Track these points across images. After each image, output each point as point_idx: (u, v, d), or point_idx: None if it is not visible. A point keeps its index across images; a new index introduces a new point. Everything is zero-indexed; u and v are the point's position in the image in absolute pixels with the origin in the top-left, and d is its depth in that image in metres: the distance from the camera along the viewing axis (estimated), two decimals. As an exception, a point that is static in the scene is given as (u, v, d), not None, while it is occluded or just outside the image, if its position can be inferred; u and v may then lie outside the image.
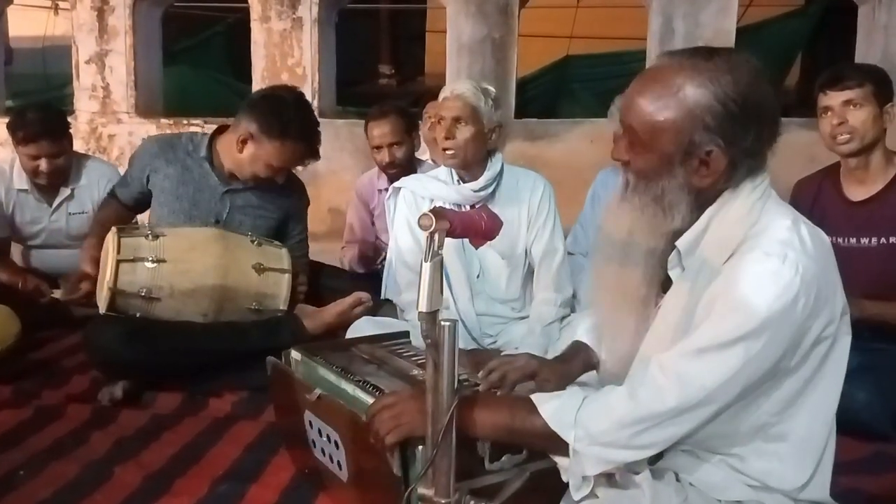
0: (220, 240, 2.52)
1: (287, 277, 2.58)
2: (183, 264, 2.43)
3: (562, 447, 1.21)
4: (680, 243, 1.23)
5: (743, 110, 1.14)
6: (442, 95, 2.38)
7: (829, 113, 2.35)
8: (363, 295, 2.62)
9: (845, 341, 1.23)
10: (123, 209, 2.80)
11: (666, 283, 1.28)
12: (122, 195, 2.81)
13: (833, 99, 2.33)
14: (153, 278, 2.40)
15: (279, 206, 2.79)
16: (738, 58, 1.19)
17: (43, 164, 3.12)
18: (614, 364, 1.36)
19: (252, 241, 2.59)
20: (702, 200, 1.21)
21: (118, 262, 2.37)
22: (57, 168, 3.16)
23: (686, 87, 1.15)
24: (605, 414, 1.19)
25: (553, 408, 1.23)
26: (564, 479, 1.25)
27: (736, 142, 1.15)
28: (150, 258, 2.40)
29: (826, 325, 1.18)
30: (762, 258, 1.13)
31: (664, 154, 1.18)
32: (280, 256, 2.61)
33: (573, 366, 1.52)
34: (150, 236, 2.44)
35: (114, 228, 2.47)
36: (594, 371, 1.52)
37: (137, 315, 2.43)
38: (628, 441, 1.18)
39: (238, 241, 2.57)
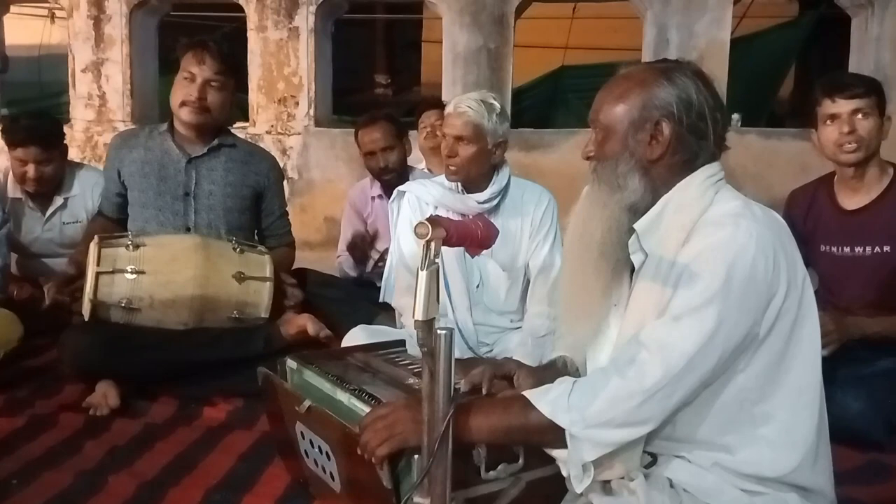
0: (201, 249, 2.52)
1: (268, 286, 2.58)
2: (163, 275, 2.45)
3: (559, 438, 1.24)
4: (638, 225, 1.31)
5: (687, 94, 1.30)
6: (448, 108, 2.38)
7: (836, 121, 2.31)
8: (311, 326, 2.57)
9: (812, 322, 1.29)
10: (110, 223, 2.83)
11: (632, 273, 1.35)
12: (106, 209, 2.88)
13: (842, 107, 2.30)
14: (133, 289, 2.43)
15: (247, 176, 2.80)
16: (686, 63, 1.37)
17: (30, 171, 3.11)
18: (598, 362, 1.38)
19: (234, 249, 2.60)
20: (655, 178, 1.32)
21: (97, 273, 2.40)
22: (44, 176, 3.14)
23: (640, 77, 1.34)
24: (596, 395, 1.23)
25: (546, 398, 1.26)
26: (564, 472, 1.26)
27: (682, 117, 1.30)
28: (130, 269, 2.43)
29: (787, 291, 1.24)
30: (716, 230, 1.24)
31: (620, 133, 1.32)
32: (262, 263, 2.61)
33: (549, 374, 1.54)
34: (130, 246, 2.46)
35: (96, 238, 2.50)
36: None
37: (120, 323, 2.45)
38: (623, 419, 1.21)
39: (220, 250, 2.57)
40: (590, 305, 1.35)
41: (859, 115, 2.29)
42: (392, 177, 3.20)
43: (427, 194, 2.44)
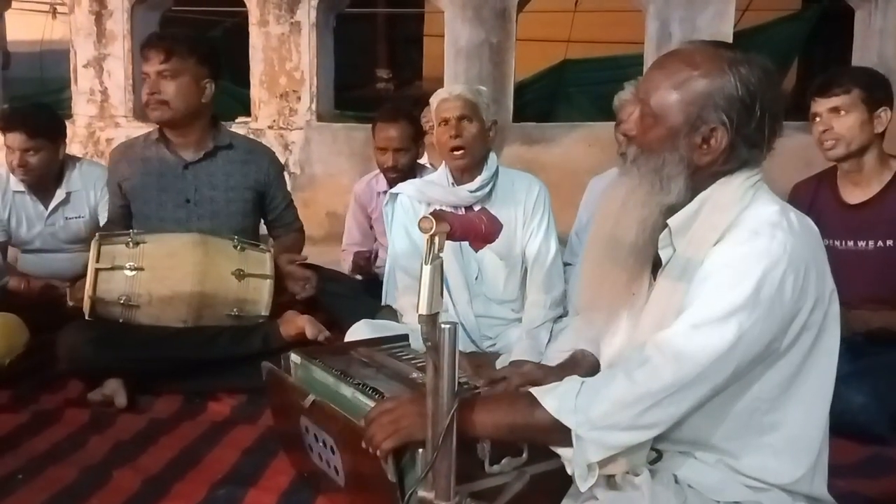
0: (200, 245, 2.52)
1: (268, 283, 2.57)
2: (161, 271, 2.46)
3: (565, 437, 1.22)
4: (672, 221, 1.26)
5: (752, 99, 1.21)
6: (438, 98, 2.39)
7: (818, 119, 2.38)
8: (309, 329, 2.54)
9: (834, 334, 1.26)
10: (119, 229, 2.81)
11: (657, 268, 1.31)
12: (113, 219, 2.89)
13: (820, 106, 2.36)
14: (131, 286, 2.44)
15: (247, 177, 2.79)
16: (755, 55, 1.25)
17: (15, 158, 3.10)
18: (614, 356, 1.37)
19: (235, 246, 2.59)
20: (697, 181, 1.25)
21: (97, 270, 2.41)
22: (29, 165, 3.12)
23: (705, 66, 1.22)
24: (604, 397, 1.21)
25: (553, 397, 1.24)
26: (569, 470, 1.25)
27: (740, 126, 1.22)
28: (129, 266, 2.43)
29: (814, 307, 1.21)
30: (751, 237, 1.19)
31: (671, 127, 1.23)
32: (262, 261, 2.60)
33: (569, 372, 1.51)
34: (130, 243, 2.47)
35: (97, 236, 2.51)
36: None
37: (120, 321, 2.46)
38: (630, 422, 1.19)
39: (219, 247, 2.57)
40: (614, 301, 1.32)
41: (837, 113, 2.33)
42: (398, 177, 3.20)
43: (418, 192, 2.46)
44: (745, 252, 1.18)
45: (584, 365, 1.53)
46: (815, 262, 1.22)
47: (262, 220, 2.95)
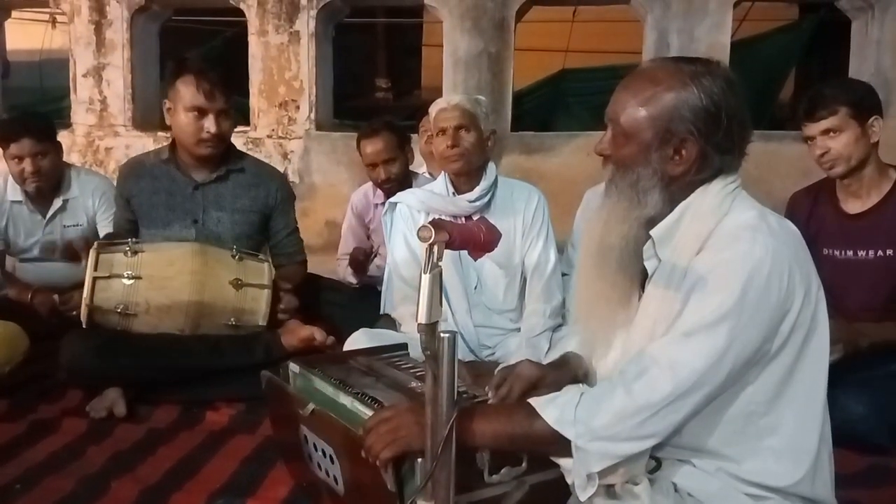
0: (198, 255, 2.52)
1: (266, 293, 2.57)
2: (159, 280, 2.46)
3: (564, 448, 1.23)
4: (654, 232, 1.29)
5: (717, 107, 1.25)
6: (437, 108, 2.40)
7: (812, 142, 2.39)
8: (318, 334, 2.56)
9: (824, 332, 1.28)
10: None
11: (645, 279, 1.33)
12: (118, 235, 2.85)
13: (812, 130, 2.37)
14: (129, 294, 2.44)
15: (255, 199, 2.76)
16: (716, 66, 1.29)
17: (28, 165, 3.11)
18: (608, 369, 1.37)
19: (233, 256, 2.58)
20: (675, 192, 1.28)
21: (94, 278, 2.41)
22: (42, 170, 3.14)
23: (668, 82, 1.26)
24: (604, 408, 1.22)
25: (552, 408, 1.25)
26: (569, 480, 1.25)
27: (708, 135, 1.25)
28: (127, 274, 2.43)
29: (802, 306, 1.23)
30: (732, 243, 1.22)
31: (642, 142, 1.27)
32: (261, 271, 2.60)
33: (563, 374, 1.54)
34: (129, 252, 2.47)
35: (95, 244, 2.51)
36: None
37: (117, 329, 2.46)
38: (630, 433, 1.21)
39: (218, 256, 2.56)
40: (609, 315, 1.33)
41: (829, 135, 2.33)
42: (393, 186, 3.21)
43: (417, 202, 2.47)
44: (728, 258, 1.21)
45: (573, 366, 1.54)
46: (797, 261, 1.24)
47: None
